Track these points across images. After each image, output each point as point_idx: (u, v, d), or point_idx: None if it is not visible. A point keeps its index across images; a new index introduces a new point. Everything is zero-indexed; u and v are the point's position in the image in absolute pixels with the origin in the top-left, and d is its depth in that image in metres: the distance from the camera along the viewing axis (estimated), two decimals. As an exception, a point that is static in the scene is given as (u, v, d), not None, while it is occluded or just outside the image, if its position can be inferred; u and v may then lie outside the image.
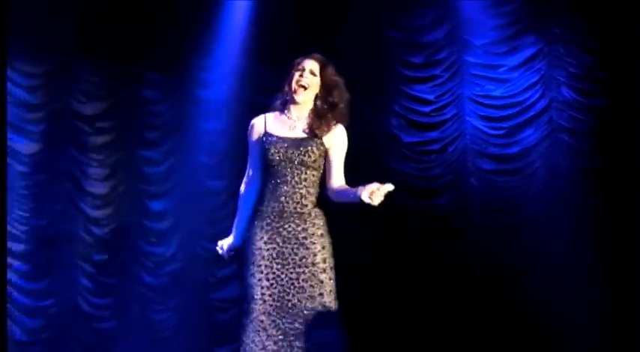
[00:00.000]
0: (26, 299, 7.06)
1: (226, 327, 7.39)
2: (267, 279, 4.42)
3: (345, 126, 4.58)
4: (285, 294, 4.41)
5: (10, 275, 6.94)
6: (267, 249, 4.46)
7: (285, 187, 4.47)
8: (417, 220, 7.21)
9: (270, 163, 4.51)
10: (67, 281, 7.20)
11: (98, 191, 7.41)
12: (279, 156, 4.47)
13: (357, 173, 7.18)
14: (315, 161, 4.47)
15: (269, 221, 4.49)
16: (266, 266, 4.45)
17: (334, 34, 7.15)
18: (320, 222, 4.51)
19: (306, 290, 4.40)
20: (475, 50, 7.20)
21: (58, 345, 7.14)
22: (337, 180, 4.55)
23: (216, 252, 4.81)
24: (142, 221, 7.47)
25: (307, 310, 4.39)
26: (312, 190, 4.51)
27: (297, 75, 4.52)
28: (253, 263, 4.48)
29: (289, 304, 4.40)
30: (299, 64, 4.56)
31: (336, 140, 4.56)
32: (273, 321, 4.40)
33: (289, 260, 4.44)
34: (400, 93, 7.30)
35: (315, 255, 4.44)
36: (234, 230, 4.72)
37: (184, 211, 7.44)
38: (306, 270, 4.43)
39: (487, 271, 6.93)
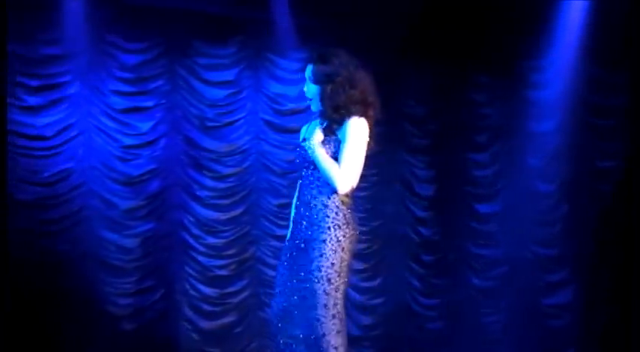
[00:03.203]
0: (360, 297, 7.27)
1: (558, 334, 7.19)
2: (279, 285, 4.23)
3: (365, 117, 4.21)
4: (288, 304, 4.16)
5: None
6: (285, 254, 4.26)
7: (300, 189, 4.27)
8: None
9: (296, 166, 4.38)
10: (397, 281, 7.37)
11: (426, 192, 7.49)
12: (300, 159, 4.28)
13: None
14: None
15: (291, 224, 4.30)
16: (281, 273, 4.25)
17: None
18: (325, 224, 4.14)
19: (304, 302, 4.10)
20: None
21: (388, 342, 7.30)
22: None
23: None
24: (470, 223, 7.47)
25: (304, 322, 4.10)
26: (324, 189, 4.16)
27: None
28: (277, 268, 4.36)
29: (292, 314, 4.14)
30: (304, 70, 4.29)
31: (347, 131, 4.15)
32: (280, 329, 4.18)
33: (295, 266, 4.17)
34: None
35: (310, 262, 4.10)
36: None
37: (513, 214, 7.34)
38: (303, 279, 4.11)
39: None
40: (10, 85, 6.28)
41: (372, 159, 7.18)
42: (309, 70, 4.24)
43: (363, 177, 7.13)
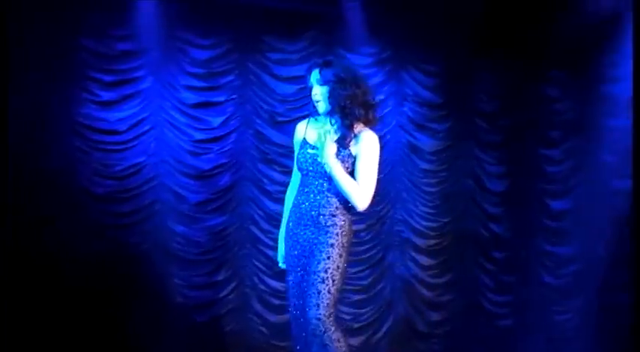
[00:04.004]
0: (429, 293, 7.24)
1: (631, 334, 7.02)
2: (293, 287, 4.48)
3: (372, 127, 4.44)
4: (302, 303, 4.39)
5: (415, 270, 7.18)
6: (290, 257, 4.51)
7: (307, 195, 4.45)
8: None
9: (301, 169, 4.52)
10: (467, 278, 7.31)
11: (497, 188, 7.41)
12: (306, 165, 4.47)
13: None
14: None
15: (290, 227, 4.52)
16: (290, 273, 4.51)
17: None
18: (334, 231, 4.39)
19: (306, 300, 4.33)
20: None
21: (456, 339, 7.26)
22: None
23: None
24: (542, 220, 7.36)
25: (310, 319, 4.29)
26: (333, 200, 4.41)
27: (311, 91, 4.48)
28: (286, 269, 4.58)
29: (305, 315, 4.35)
30: (308, 78, 4.51)
31: (361, 146, 4.38)
32: (296, 328, 4.46)
33: (305, 268, 4.40)
34: None
35: (318, 263, 4.34)
36: (279, 241, 4.71)
37: (587, 211, 7.20)
38: (309, 279, 4.35)
39: None
40: (85, 80, 6.42)
41: (442, 155, 7.22)
42: (315, 73, 4.44)
43: (433, 172, 7.21)
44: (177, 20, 6.59)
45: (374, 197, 6.89)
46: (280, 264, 4.72)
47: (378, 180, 4.43)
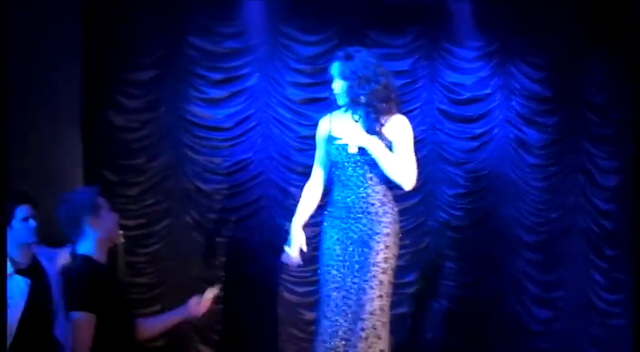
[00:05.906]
0: (537, 290, 7.09)
1: None
2: (335, 281, 4.49)
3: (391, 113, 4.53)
4: (347, 299, 4.41)
5: (523, 266, 7.05)
6: (336, 250, 4.55)
7: (352, 187, 4.50)
8: None
9: (336, 164, 4.57)
10: (578, 274, 7.13)
11: (609, 183, 7.21)
12: (340, 157, 4.52)
13: None
14: None
15: (339, 222, 4.55)
16: (334, 266, 4.53)
17: None
18: (387, 220, 4.47)
19: (367, 292, 4.34)
20: None
21: (567, 338, 7.08)
22: None
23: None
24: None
25: (366, 313, 4.31)
26: (378, 188, 4.48)
27: (332, 83, 4.60)
28: (323, 263, 4.62)
29: (352, 307, 4.38)
30: (329, 69, 4.64)
31: (397, 131, 4.48)
32: (337, 323, 4.43)
33: (354, 261, 4.45)
34: None
35: (377, 254, 4.39)
36: (293, 228, 4.76)
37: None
38: (368, 270, 4.36)
39: None
40: (192, 77, 6.53)
41: (551, 149, 7.06)
42: (336, 66, 4.54)
43: (541, 167, 7.05)
44: (282, 17, 6.65)
45: (479, 191, 6.95)
46: (286, 249, 4.75)
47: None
